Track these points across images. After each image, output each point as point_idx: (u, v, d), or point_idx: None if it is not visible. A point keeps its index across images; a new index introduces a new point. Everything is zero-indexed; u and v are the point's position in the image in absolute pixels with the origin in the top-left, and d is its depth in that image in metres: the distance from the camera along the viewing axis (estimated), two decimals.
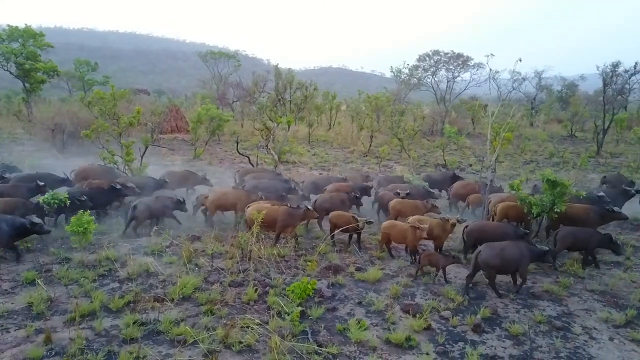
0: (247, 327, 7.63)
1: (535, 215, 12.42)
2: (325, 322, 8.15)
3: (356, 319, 8.12)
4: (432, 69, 51.61)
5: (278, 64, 32.36)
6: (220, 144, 32.85)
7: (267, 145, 21.23)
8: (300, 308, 8.26)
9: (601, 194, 14.06)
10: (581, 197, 12.48)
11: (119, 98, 18.86)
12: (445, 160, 27.41)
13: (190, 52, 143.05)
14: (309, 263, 10.45)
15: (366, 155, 30.04)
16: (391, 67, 52.46)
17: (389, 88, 48.84)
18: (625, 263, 11.29)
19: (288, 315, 8.02)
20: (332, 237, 12.15)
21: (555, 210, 11.93)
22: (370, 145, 31.52)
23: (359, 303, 8.96)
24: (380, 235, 11.87)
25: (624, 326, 8.17)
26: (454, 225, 11.29)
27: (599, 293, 9.59)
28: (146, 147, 18.52)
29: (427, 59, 51.87)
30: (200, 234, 12.73)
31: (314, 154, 29.96)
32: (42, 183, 14.29)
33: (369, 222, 12.07)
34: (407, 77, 51.73)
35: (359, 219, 11.95)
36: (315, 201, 13.91)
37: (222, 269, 10.18)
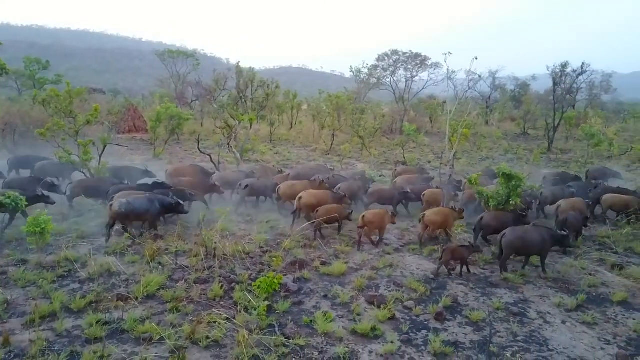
0: (214, 322, 7.62)
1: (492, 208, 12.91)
2: (292, 316, 8.24)
3: (322, 312, 8.24)
4: (391, 69, 52.45)
5: (239, 61, 32.17)
6: (180, 144, 32.30)
7: (229, 144, 21.10)
8: (266, 303, 8.32)
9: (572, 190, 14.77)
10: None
11: (75, 96, 18.29)
12: (405, 158, 27.93)
13: (147, 50, 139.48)
14: (274, 259, 10.51)
15: (328, 154, 30.25)
16: (351, 67, 53.05)
17: (348, 88, 49.24)
18: (575, 252, 11.89)
19: (255, 310, 8.07)
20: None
21: (511, 202, 12.45)
22: (332, 144, 31.76)
23: (325, 296, 9.10)
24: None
25: (575, 310, 8.64)
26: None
27: (552, 280, 10.09)
28: (104, 146, 18.03)
29: (386, 58, 52.67)
30: (162, 233, 12.54)
31: (277, 153, 29.94)
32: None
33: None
34: (367, 77, 52.34)
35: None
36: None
37: (187, 267, 10.10)
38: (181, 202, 13.07)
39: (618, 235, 13.11)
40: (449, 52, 12.86)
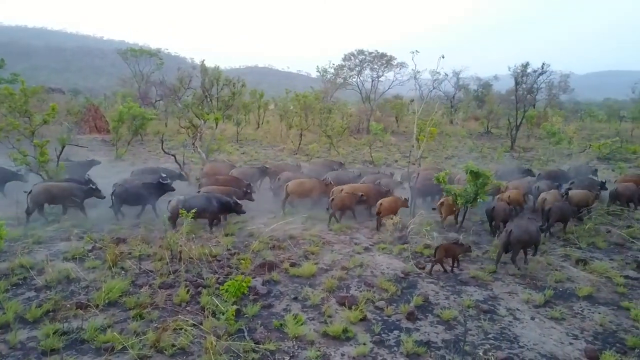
0: (180, 329, 7.32)
1: (460, 205, 13.02)
2: (261, 320, 8.01)
3: (293, 315, 8.04)
4: (357, 69, 52.54)
5: (204, 60, 31.52)
6: (143, 144, 31.46)
7: (194, 144, 20.62)
8: (235, 307, 8.06)
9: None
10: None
11: (31, 95, 17.46)
12: (372, 157, 28.01)
13: (109, 49, 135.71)
14: (242, 261, 10.25)
15: (296, 153, 30.03)
16: (317, 66, 52.76)
17: (315, 88, 49.07)
18: (541, 247, 12.07)
19: (223, 314, 7.79)
20: None
21: (478, 200, 12.56)
22: (299, 143, 31.56)
23: (295, 298, 8.90)
24: None
25: (543, 306, 8.73)
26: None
27: (520, 277, 10.19)
28: (62, 147, 17.26)
29: (352, 58, 52.73)
30: (125, 236, 12.07)
31: (243, 153, 29.54)
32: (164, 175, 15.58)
33: None
34: (333, 77, 52.28)
35: None
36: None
37: (151, 271, 9.72)
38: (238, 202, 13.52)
39: (581, 231, 13.42)
40: (416, 51, 12.87)
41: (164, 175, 15.45)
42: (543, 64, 38.88)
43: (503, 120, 47.58)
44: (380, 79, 52.44)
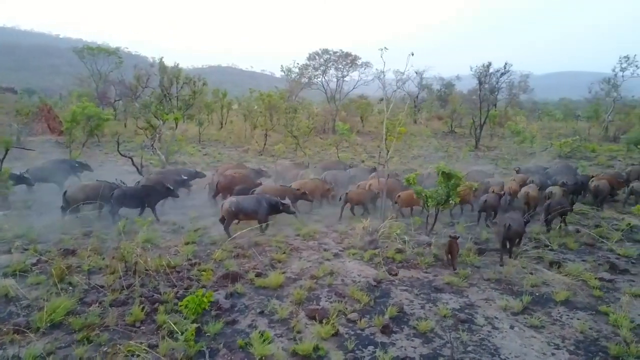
0: (133, 354, 6.56)
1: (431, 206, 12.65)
2: (224, 338, 7.31)
3: (259, 331, 7.37)
4: (322, 68, 52.05)
5: (163, 57, 30.17)
6: (100, 146, 29.98)
7: (152, 145, 19.60)
8: (195, 325, 7.34)
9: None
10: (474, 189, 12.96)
11: None
12: (339, 157, 27.56)
13: (65, 48, 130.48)
14: (203, 273, 9.51)
15: (261, 154, 29.29)
16: (281, 66, 51.89)
17: (279, 87, 48.25)
18: (514, 250, 11.81)
19: (181, 334, 7.06)
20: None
21: (450, 201, 12.21)
22: (265, 144, 30.82)
23: (261, 312, 8.24)
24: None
25: (522, 313, 8.37)
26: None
27: (495, 281, 9.85)
28: (6, 151, 16.01)
29: (316, 57, 52.19)
30: (75, 247, 11.10)
31: (206, 154, 28.55)
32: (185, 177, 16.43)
33: None
34: (298, 76, 51.61)
35: None
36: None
37: (102, 287, 8.84)
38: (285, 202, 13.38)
39: (551, 232, 13.29)
40: (385, 48, 12.40)
41: (185, 177, 16.29)
42: (505, 63, 39.45)
43: (466, 119, 48.16)
44: (345, 78, 52.13)
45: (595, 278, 9.91)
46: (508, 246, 11.17)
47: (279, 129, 34.55)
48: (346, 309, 8.34)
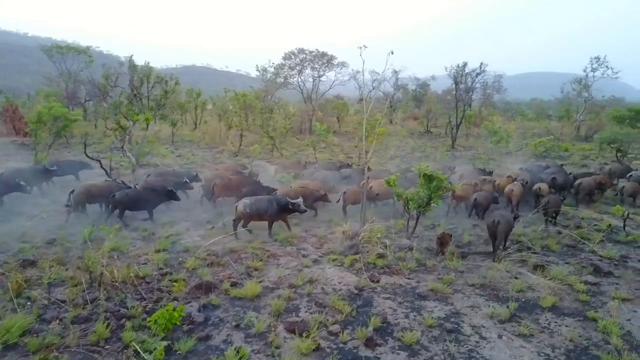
0: None
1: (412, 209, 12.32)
2: (197, 357, 6.78)
3: (234, 348, 6.87)
4: (297, 68, 51.50)
5: (132, 55, 29.06)
6: (69, 147, 28.81)
7: (122, 147, 18.80)
8: (164, 343, 6.80)
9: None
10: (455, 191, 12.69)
11: None
12: (316, 158, 27.13)
13: (34, 46, 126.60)
14: (175, 283, 8.92)
15: (236, 155, 28.63)
16: (257, 65, 51.15)
17: (255, 87, 47.49)
18: (497, 253, 11.57)
19: (150, 354, 6.51)
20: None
21: (432, 204, 11.90)
22: (240, 145, 30.16)
23: (237, 326, 7.72)
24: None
25: (509, 321, 8.06)
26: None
27: (480, 287, 9.54)
28: None
29: (292, 57, 51.60)
30: (36, 257, 10.35)
31: (179, 155, 27.73)
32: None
33: None
34: (273, 76, 50.94)
35: None
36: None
37: (63, 302, 8.17)
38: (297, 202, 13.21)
39: (533, 233, 13.13)
40: (364, 46, 12.00)
41: (187, 180, 16.14)
42: (481, 63, 39.68)
43: (441, 119, 48.37)
44: (321, 78, 51.71)
45: (581, 282, 9.70)
46: (496, 241, 11.45)
47: (254, 129, 33.90)
48: (327, 320, 7.89)
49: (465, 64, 39.59)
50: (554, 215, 14.35)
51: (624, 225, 13.80)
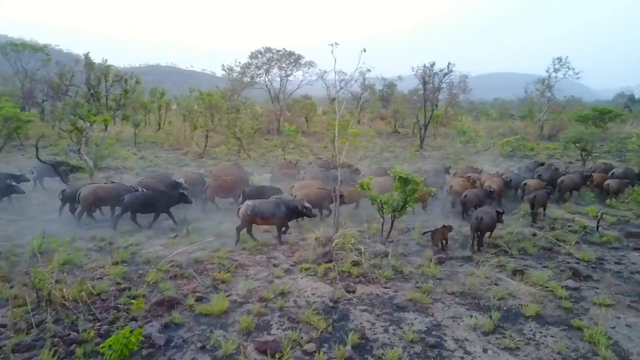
0: None
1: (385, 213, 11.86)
2: None
3: None
4: (264, 67, 50.63)
5: (89, 52, 27.53)
6: (23, 150, 27.17)
7: (79, 149, 17.68)
8: None
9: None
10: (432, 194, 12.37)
11: None
12: (285, 159, 26.47)
13: None
14: (133, 301, 8.12)
15: (202, 157, 27.67)
16: (222, 65, 50.04)
17: (220, 87, 46.35)
18: (474, 258, 11.24)
19: None
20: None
21: (408, 208, 11.47)
22: (205, 146, 29.20)
23: (202, 348, 7.01)
24: None
25: (493, 332, 7.64)
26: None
27: (460, 295, 9.12)
28: None
29: (259, 56, 50.71)
30: None
31: (142, 158, 26.58)
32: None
33: None
34: (240, 75, 49.91)
35: None
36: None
37: (4, 327, 7.28)
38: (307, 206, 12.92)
39: (509, 236, 12.88)
40: (336, 43, 11.45)
41: (183, 184, 15.50)
42: (448, 63, 39.86)
43: (408, 119, 48.43)
44: (289, 78, 51.01)
45: (562, 287, 9.42)
46: (478, 237, 11.98)
47: (220, 130, 32.97)
48: (301, 338, 7.27)
49: (433, 64, 39.69)
50: (541, 208, 15.06)
51: (597, 226, 13.74)
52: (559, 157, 32.32)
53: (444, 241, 11.98)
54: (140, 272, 9.91)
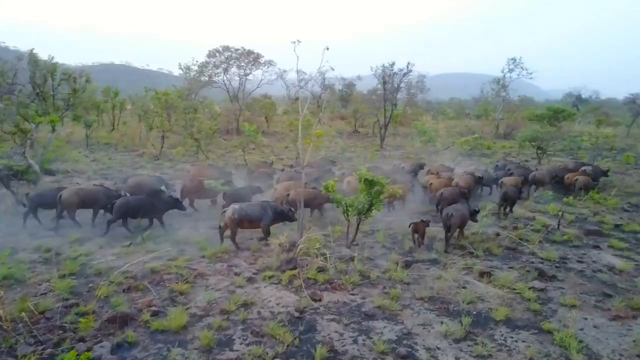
0: None
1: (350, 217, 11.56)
2: None
3: None
4: (223, 66, 49.58)
5: (33, 49, 25.93)
6: None
7: (23, 153, 16.55)
8: None
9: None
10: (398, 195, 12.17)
11: None
12: (246, 160, 25.86)
13: None
14: (81, 319, 7.44)
15: (158, 159, 26.64)
16: (179, 63, 48.61)
17: (177, 86, 45.02)
18: (441, 260, 11.08)
19: None
20: None
21: (373, 210, 11.21)
22: (162, 147, 28.16)
23: None
24: None
25: (465, 339, 7.43)
26: None
27: (428, 300, 8.90)
28: None
29: (217, 54, 49.60)
30: None
31: (94, 160, 25.31)
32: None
33: None
34: (197, 74, 48.66)
35: None
36: None
37: None
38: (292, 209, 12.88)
39: (473, 237, 12.84)
40: (298, 40, 11.04)
41: (163, 188, 14.60)
42: (408, 63, 40.11)
43: (367, 119, 48.59)
44: (248, 77, 50.14)
45: (529, 288, 9.36)
46: (449, 233, 12.16)
47: (177, 131, 31.94)
48: (266, 353, 6.81)
49: (393, 64, 39.86)
50: (512, 204, 15.69)
51: (559, 225, 13.92)
52: (515, 155, 33.07)
53: (421, 236, 12.17)
54: (91, 285, 9.19)
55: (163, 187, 15.08)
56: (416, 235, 12.15)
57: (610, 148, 33.35)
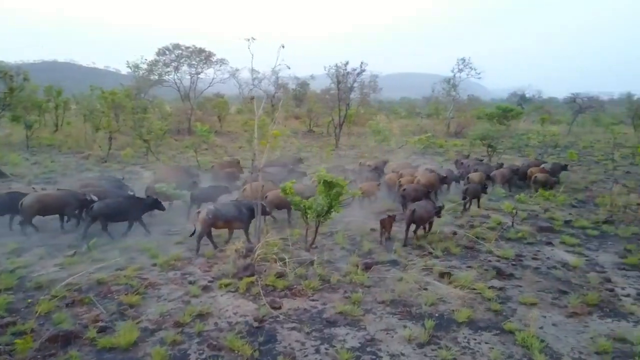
0: None
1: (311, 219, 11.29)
2: None
3: None
4: (173, 64, 48.15)
5: None
6: None
7: None
8: None
9: None
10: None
11: None
12: (198, 161, 25.09)
13: None
14: (18, 341, 6.78)
15: (105, 161, 25.42)
16: (127, 61, 46.82)
17: (125, 85, 43.33)
18: (400, 261, 11.00)
19: None
20: None
21: (332, 213, 10.99)
22: (109, 149, 26.90)
23: None
24: None
25: (428, 343, 7.30)
26: None
27: (390, 303, 8.74)
28: None
29: (167, 52, 48.11)
30: None
31: (35, 163, 23.85)
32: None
33: None
34: (146, 73, 47.03)
35: None
36: None
37: None
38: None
39: (432, 236, 12.86)
40: (252, 38, 10.67)
41: (93, 196, 13.32)
42: (361, 63, 40.30)
43: (321, 119, 48.51)
44: (199, 75, 48.95)
45: (488, 288, 9.40)
46: (414, 230, 12.68)
47: (126, 131, 30.66)
48: None
49: (347, 64, 39.91)
50: (473, 200, 16.29)
51: (513, 222, 14.18)
52: (467, 153, 33.81)
53: (388, 231, 12.54)
54: (30, 300, 8.45)
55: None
56: (383, 230, 12.39)
57: (555, 145, 34.70)
